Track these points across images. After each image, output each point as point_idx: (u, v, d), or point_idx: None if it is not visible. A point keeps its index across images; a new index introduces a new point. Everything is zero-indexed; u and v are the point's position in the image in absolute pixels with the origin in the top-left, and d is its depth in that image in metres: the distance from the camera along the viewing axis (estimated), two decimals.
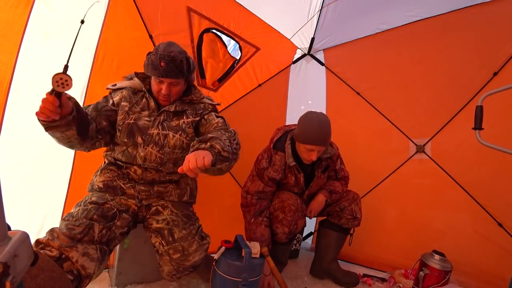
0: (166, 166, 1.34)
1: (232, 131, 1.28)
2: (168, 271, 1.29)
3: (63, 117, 1.01)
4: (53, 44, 1.49)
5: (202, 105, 1.42)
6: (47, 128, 1.05)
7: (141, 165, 1.30)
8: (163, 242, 1.27)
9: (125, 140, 1.28)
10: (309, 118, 1.58)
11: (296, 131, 1.62)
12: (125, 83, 1.35)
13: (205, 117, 1.39)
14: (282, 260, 1.73)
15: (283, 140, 1.70)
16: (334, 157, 1.79)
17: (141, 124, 1.29)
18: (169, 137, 1.31)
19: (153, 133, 1.29)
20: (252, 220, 1.64)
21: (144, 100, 1.33)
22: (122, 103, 1.30)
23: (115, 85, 1.34)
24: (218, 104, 1.49)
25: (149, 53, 1.28)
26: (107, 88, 1.35)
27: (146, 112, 1.31)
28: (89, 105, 1.28)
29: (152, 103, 1.32)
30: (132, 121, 1.28)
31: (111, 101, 1.32)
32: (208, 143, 1.07)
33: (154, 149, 1.29)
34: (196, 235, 1.29)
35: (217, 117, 1.39)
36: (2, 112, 1.37)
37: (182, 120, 1.34)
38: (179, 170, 0.97)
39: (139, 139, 1.28)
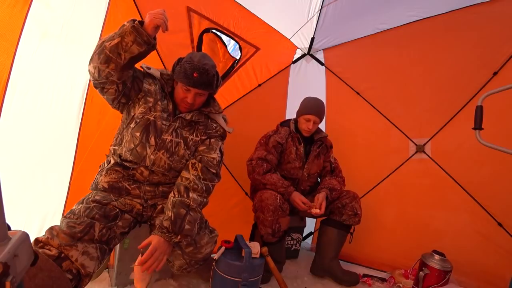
0: (171, 172, 1.34)
1: (211, 180, 1.34)
2: (179, 265, 1.29)
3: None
4: (52, 44, 1.48)
5: (215, 125, 1.42)
6: (139, 33, 1.08)
7: (149, 167, 1.29)
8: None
9: (138, 134, 1.25)
10: (307, 98, 1.98)
11: (297, 110, 1.98)
12: (157, 72, 1.34)
13: (211, 140, 1.39)
14: (278, 259, 1.73)
15: (287, 122, 2.05)
16: (326, 142, 2.04)
17: (158, 125, 1.27)
18: (180, 146, 1.31)
19: (166, 139, 1.28)
20: (263, 175, 1.78)
21: (165, 101, 1.32)
22: (148, 98, 1.28)
23: (150, 68, 1.33)
24: (229, 132, 1.47)
25: (180, 59, 1.28)
26: (141, 67, 1.32)
27: (165, 115, 1.29)
28: None
29: (170, 107, 1.31)
30: (152, 118, 1.26)
31: (142, 84, 1.29)
32: (179, 237, 1.17)
33: (164, 155, 1.29)
34: (206, 228, 1.34)
35: (220, 151, 1.41)
36: None
37: (191, 137, 1.34)
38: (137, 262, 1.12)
39: (152, 141, 1.26)
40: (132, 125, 1.26)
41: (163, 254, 1.14)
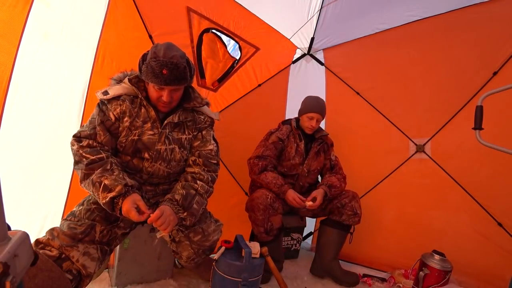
0: (171, 176, 1.36)
1: (214, 171, 1.37)
2: (187, 256, 1.33)
3: None
4: (52, 45, 1.48)
5: (202, 117, 1.39)
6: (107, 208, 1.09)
7: (148, 175, 1.30)
8: (181, 229, 1.30)
9: (130, 155, 1.25)
10: (308, 96, 2.01)
11: (300, 108, 2.00)
12: (118, 90, 1.22)
13: (203, 133, 1.39)
14: (276, 257, 1.73)
15: (288, 120, 2.08)
16: (327, 141, 2.07)
17: (145, 140, 1.23)
18: (175, 152, 1.30)
19: (160, 149, 1.26)
20: (258, 175, 1.82)
21: (143, 109, 1.24)
22: (123, 119, 1.21)
23: (107, 93, 1.20)
24: (218, 119, 1.46)
25: (144, 56, 1.17)
26: (100, 98, 1.21)
27: (148, 125, 1.23)
28: (92, 122, 1.19)
29: (152, 113, 1.24)
30: (136, 137, 1.22)
31: (112, 116, 1.20)
32: (185, 213, 1.19)
33: (162, 165, 1.29)
34: (211, 218, 1.42)
35: (214, 140, 1.41)
36: (1, 112, 1.37)
37: (184, 136, 1.33)
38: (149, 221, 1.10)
39: (146, 155, 1.25)
40: (120, 149, 1.24)
41: (169, 221, 1.12)
